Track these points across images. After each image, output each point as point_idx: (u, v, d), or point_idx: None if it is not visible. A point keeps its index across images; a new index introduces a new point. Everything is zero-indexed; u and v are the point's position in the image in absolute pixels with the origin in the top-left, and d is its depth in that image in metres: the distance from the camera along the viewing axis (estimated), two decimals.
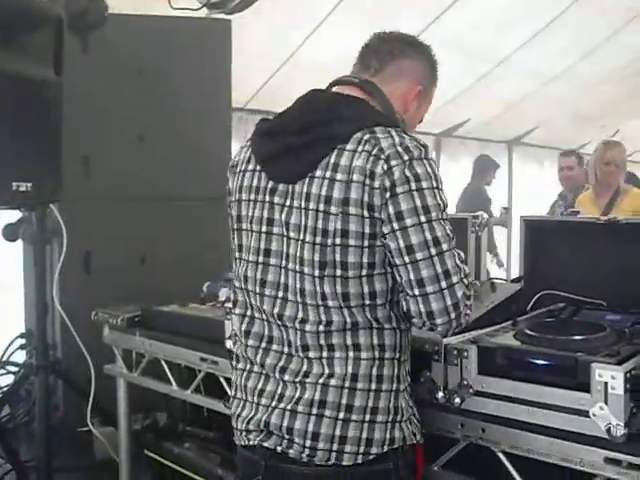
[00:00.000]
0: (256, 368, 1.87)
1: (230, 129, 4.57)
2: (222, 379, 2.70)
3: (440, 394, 1.97)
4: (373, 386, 1.75)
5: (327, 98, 1.85)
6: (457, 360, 1.94)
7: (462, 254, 1.77)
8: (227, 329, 2.56)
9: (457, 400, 1.95)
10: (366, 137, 1.70)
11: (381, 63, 1.91)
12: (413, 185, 1.66)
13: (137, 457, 3.36)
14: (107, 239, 3.93)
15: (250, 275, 1.86)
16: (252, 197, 1.84)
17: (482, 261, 2.68)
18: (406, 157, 1.67)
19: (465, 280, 1.71)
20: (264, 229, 1.82)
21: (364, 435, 1.74)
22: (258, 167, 1.85)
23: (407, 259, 1.66)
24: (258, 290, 1.84)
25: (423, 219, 1.66)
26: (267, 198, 1.81)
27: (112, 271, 3.89)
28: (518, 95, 8.07)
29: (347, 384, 1.74)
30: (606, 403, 1.70)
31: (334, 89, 1.89)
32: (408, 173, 1.66)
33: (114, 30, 3.75)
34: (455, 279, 1.68)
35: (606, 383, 1.70)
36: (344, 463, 1.73)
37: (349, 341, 1.74)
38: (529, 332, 2.00)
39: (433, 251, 1.66)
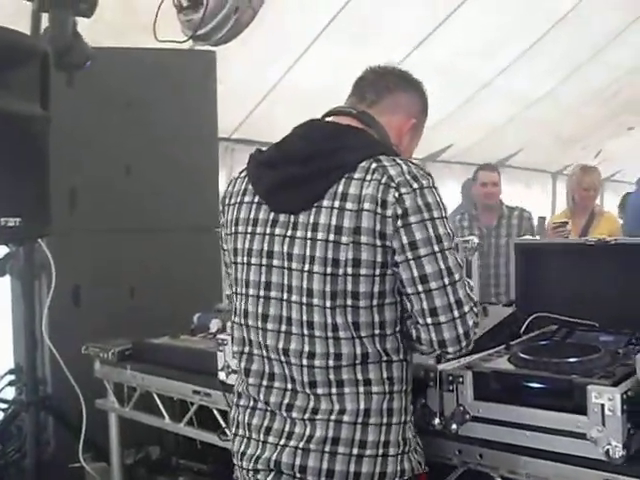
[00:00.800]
0: (260, 405, 1.85)
1: (217, 159, 4.58)
2: (215, 411, 2.69)
3: (436, 420, 1.97)
4: (384, 420, 1.75)
5: (329, 128, 1.85)
6: (452, 386, 1.94)
7: (471, 282, 1.80)
8: (219, 361, 2.55)
9: (454, 426, 1.94)
10: (373, 166, 1.70)
11: (378, 95, 1.93)
12: (426, 215, 1.67)
13: None
14: (96, 272, 3.91)
15: (251, 310, 1.84)
16: (250, 229, 1.83)
17: (474, 285, 2.67)
18: (416, 185, 1.68)
19: (475, 309, 1.73)
20: (264, 262, 1.80)
21: (377, 469, 1.73)
22: (256, 199, 1.84)
23: (420, 288, 1.67)
24: (260, 325, 1.82)
25: (437, 249, 1.67)
26: (267, 230, 1.80)
27: (101, 304, 3.86)
28: (501, 118, 8.14)
29: (360, 420, 1.73)
30: (603, 425, 1.70)
31: (330, 119, 1.89)
32: (420, 202, 1.67)
33: (100, 63, 3.75)
34: (467, 308, 1.70)
35: (603, 405, 1.70)
36: None
37: (360, 376, 1.74)
38: (523, 356, 2.00)
39: (447, 281, 1.68)
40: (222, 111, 4.47)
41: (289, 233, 1.76)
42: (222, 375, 2.53)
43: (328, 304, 1.71)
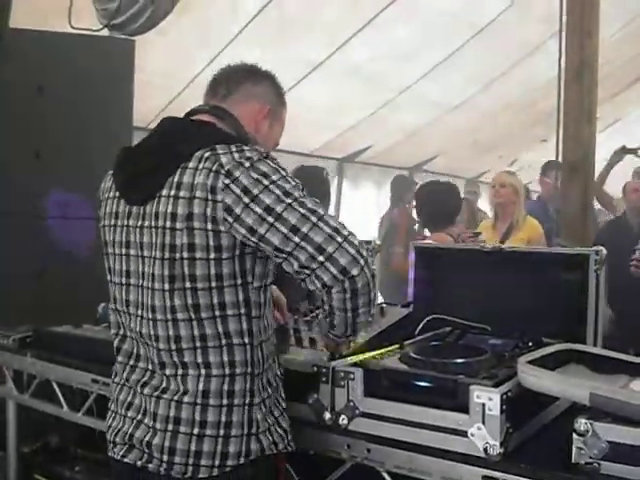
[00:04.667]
0: (126, 383, 1.95)
1: None
2: None
3: (327, 415, 2.02)
4: (225, 402, 1.82)
5: (177, 124, 1.96)
6: (344, 382, 1.99)
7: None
8: None
9: (344, 421, 1.99)
10: (207, 155, 1.79)
11: (228, 89, 2.03)
12: (265, 181, 1.75)
13: None
14: (2, 257, 3.84)
15: (118, 297, 1.95)
16: (113, 222, 1.94)
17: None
18: (247, 164, 1.76)
19: (352, 232, 1.76)
20: (124, 251, 1.91)
21: (219, 449, 1.80)
22: (117, 194, 1.94)
23: (297, 239, 1.72)
24: (125, 310, 1.93)
25: (289, 200, 1.74)
26: (125, 222, 1.90)
27: (6, 290, 3.80)
28: (419, 123, 8.27)
29: (199, 400, 1.81)
30: (483, 423, 1.78)
31: (186, 117, 2.00)
32: (255, 175, 1.75)
33: (14, 44, 3.69)
34: (345, 232, 1.74)
35: (484, 404, 1.77)
36: (200, 476, 1.80)
37: (200, 359, 1.82)
38: (413, 355, 2.06)
39: (314, 219, 1.73)
40: (140, 100, 4.43)
41: (139, 223, 1.86)
42: None
43: (167, 287, 1.80)
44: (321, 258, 1.71)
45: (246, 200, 1.73)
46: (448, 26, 6.57)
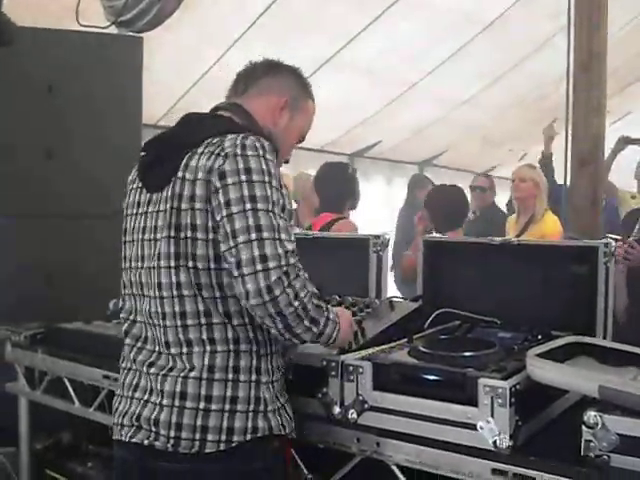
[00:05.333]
0: (133, 365, 1.97)
1: (140, 146, 4.54)
2: None
3: (337, 409, 2.02)
4: (230, 376, 1.85)
5: (197, 116, 2.02)
6: (353, 376, 1.99)
7: (290, 247, 1.79)
8: None
9: (353, 415, 1.99)
10: (215, 140, 1.85)
11: (246, 85, 2.09)
12: (243, 177, 1.79)
13: (39, 477, 3.30)
14: (12, 257, 3.85)
15: (133, 280, 1.99)
16: (135, 211, 2.00)
17: (383, 280, 2.74)
18: (240, 152, 1.80)
19: (288, 270, 1.74)
20: (140, 237, 1.96)
21: (225, 424, 1.83)
22: (140, 184, 2.01)
23: (232, 243, 1.76)
24: (139, 292, 1.96)
25: (248, 207, 1.77)
26: (145, 209, 1.96)
27: (17, 290, 3.81)
28: (428, 119, 8.26)
29: (205, 375, 1.84)
30: (492, 416, 1.78)
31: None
32: (240, 166, 1.79)
33: (24, 43, 3.69)
34: (272, 264, 1.72)
35: (492, 397, 1.77)
36: (207, 451, 1.82)
37: (205, 335, 1.85)
38: (422, 349, 2.06)
39: (253, 236, 1.75)
40: (148, 98, 4.44)
41: (156, 208, 1.91)
42: None
43: (172, 263, 1.84)
44: (235, 273, 1.75)
45: (218, 185, 1.79)
46: (456, 22, 6.55)
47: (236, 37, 5.89)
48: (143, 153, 2.06)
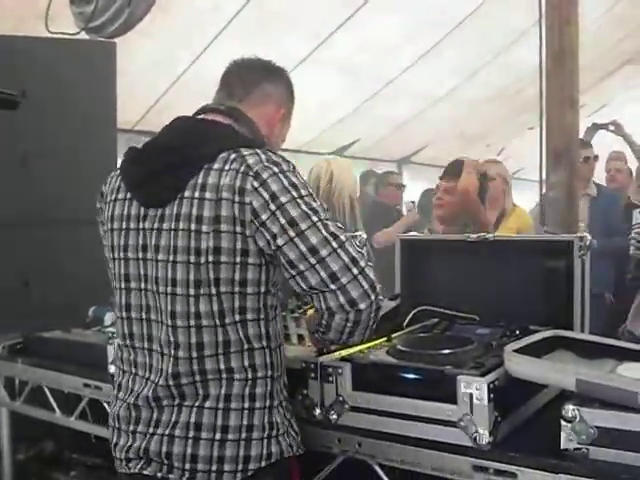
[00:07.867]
0: (129, 398, 1.87)
1: (116, 151, 4.51)
2: (106, 404, 2.67)
3: (317, 411, 2.02)
4: (247, 405, 1.79)
5: (193, 123, 1.91)
6: (332, 377, 1.99)
7: (363, 235, 1.91)
8: (109, 354, 2.56)
9: (334, 416, 2.00)
10: (233, 156, 1.76)
11: (246, 90, 2.00)
12: (295, 193, 1.73)
13: None
14: None
15: (134, 303, 1.87)
16: (124, 225, 1.87)
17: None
18: (276, 169, 1.75)
19: (370, 263, 1.77)
20: (140, 255, 1.84)
21: (241, 453, 1.78)
22: (128, 195, 1.87)
23: (313, 260, 1.72)
24: (139, 316, 1.86)
25: (315, 219, 1.73)
26: (140, 225, 1.84)
27: None
28: (406, 115, 8.26)
29: (221, 405, 1.78)
30: (472, 413, 1.78)
31: (200, 117, 1.94)
32: (286, 183, 1.73)
33: None
34: (363, 263, 1.74)
35: (471, 394, 1.78)
36: None
37: (222, 366, 1.78)
38: (401, 348, 2.06)
39: (335, 244, 1.72)
40: (124, 103, 4.42)
41: (156, 226, 1.80)
42: (112, 368, 2.52)
43: (192, 292, 1.76)
44: (333, 286, 1.72)
45: (273, 207, 1.71)
46: (430, 18, 6.56)
47: (210, 38, 5.88)
48: (131, 161, 1.92)
